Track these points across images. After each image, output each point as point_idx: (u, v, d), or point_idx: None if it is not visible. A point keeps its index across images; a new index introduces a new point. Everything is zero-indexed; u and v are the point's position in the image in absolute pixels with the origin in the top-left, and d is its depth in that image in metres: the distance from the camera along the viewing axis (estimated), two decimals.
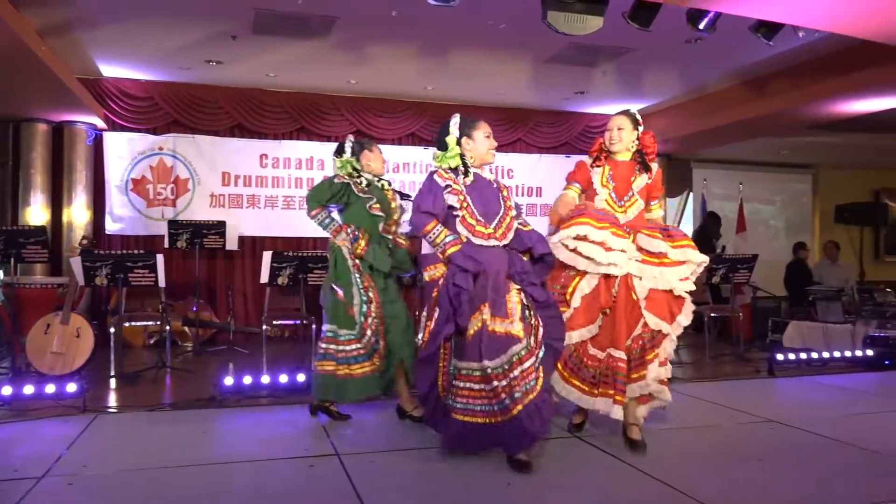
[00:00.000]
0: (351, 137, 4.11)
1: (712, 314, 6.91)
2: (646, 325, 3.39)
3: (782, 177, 11.07)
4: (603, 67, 7.05)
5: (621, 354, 3.33)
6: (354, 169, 4.00)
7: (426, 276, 3.31)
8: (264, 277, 5.62)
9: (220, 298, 7.72)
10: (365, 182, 3.99)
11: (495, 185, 3.45)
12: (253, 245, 7.87)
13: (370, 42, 6.32)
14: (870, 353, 5.91)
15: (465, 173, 3.34)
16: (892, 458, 3.28)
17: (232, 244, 7.39)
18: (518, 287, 3.19)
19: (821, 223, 11.11)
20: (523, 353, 3.01)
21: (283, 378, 4.58)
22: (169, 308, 6.55)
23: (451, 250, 3.19)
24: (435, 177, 3.29)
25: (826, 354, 5.90)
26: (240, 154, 7.88)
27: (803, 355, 5.87)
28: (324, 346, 3.83)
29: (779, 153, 10.23)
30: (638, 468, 3.10)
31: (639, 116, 3.67)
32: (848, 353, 5.91)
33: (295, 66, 7.05)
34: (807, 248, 9.04)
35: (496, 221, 3.30)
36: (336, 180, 3.96)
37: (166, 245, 6.92)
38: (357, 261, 3.89)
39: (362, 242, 3.89)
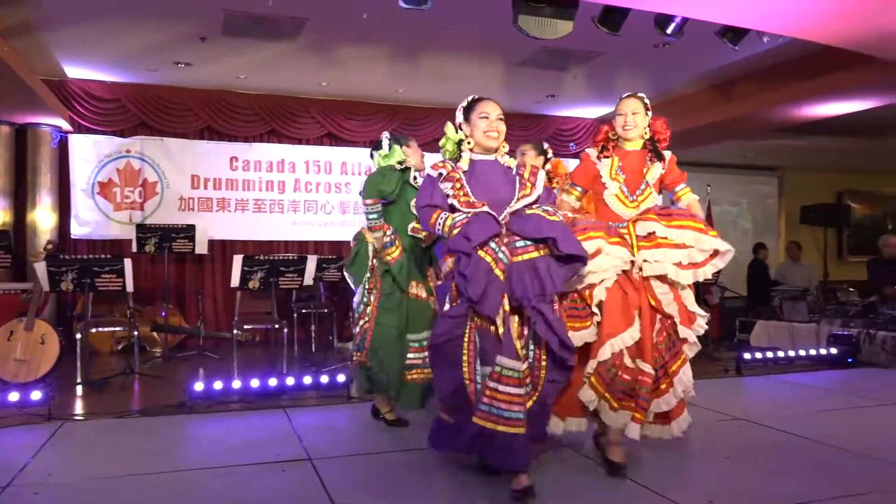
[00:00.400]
0: (387, 134, 3.87)
1: None
2: (661, 331, 3.05)
3: (749, 179, 11.28)
4: (573, 71, 7.12)
5: (648, 367, 2.96)
6: (399, 162, 3.74)
7: (443, 269, 2.88)
8: (235, 281, 5.56)
9: (189, 303, 7.63)
10: (412, 177, 3.80)
11: (514, 173, 2.94)
12: (223, 249, 7.78)
13: (341, 44, 6.30)
14: (834, 351, 6.04)
15: (458, 159, 2.95)
16: (857, 455, 3.35)
17: (202, 248, 7.30)
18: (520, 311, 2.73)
19: (786, 224, 11.33)
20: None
21: (255, 383, 4.53)
22: (137, 313, 6.45)
23: (455, 232, 2.76)
24: (429, 169, 2.97)
25: (792, 353, 6.01)
26: (209, 157, 7.79)
27: (770, 354, 5.98)
28: None
29: (745, 156, 10.42)
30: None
31: (647, 101, 3.40)
32: (813, 352, 6.03)
33: (265, 68, 6.99)
34: (766, 248, 9.20)
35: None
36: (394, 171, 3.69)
37: (134, 249, 6.81)
38: (374, 261, 3.72)
39: (396, 251, 3.67)
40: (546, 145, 4.09)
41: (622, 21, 4.71)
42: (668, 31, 4.80)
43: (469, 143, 2.97)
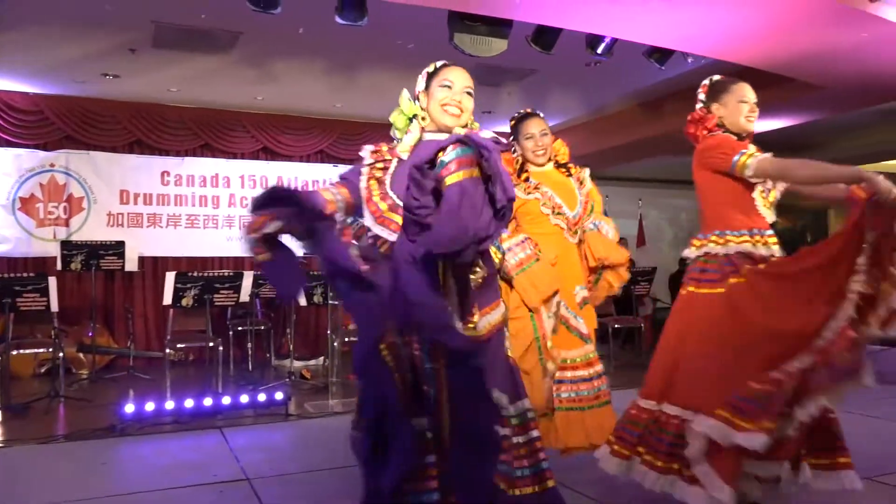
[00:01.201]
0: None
1: (616, 325, 7.17)
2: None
3: (678, 192, 11.68)
4: (509, 88, 7.26)
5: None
6: None
7: None
8: (167, 299, 5.42)
9: (118, 322, 7.36)
10: None
11: None
12: (154, 266, 7.55)
13: (277, 58, 6.25)
14: None
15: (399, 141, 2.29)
16: None
17: (131, 265, 7.07)
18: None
19: None
20: None
21: (189, 403, 4.41)
22: (62, 334, 6.18)
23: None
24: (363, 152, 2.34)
25: None
26: (139, 171, 7.57)
27: None
28: None
29: (674, 171, 10.80)
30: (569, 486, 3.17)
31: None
32: None
33: (198, 81, 6.86)
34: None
35: None
36: None
37: (59, 267, 6.54)
38: None
39: None
40: None
41: (554, 40, 4.85)
42: (599, 50, 4.97)
43: (424, 119, 2.26)
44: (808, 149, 9.34)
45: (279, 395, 4.59)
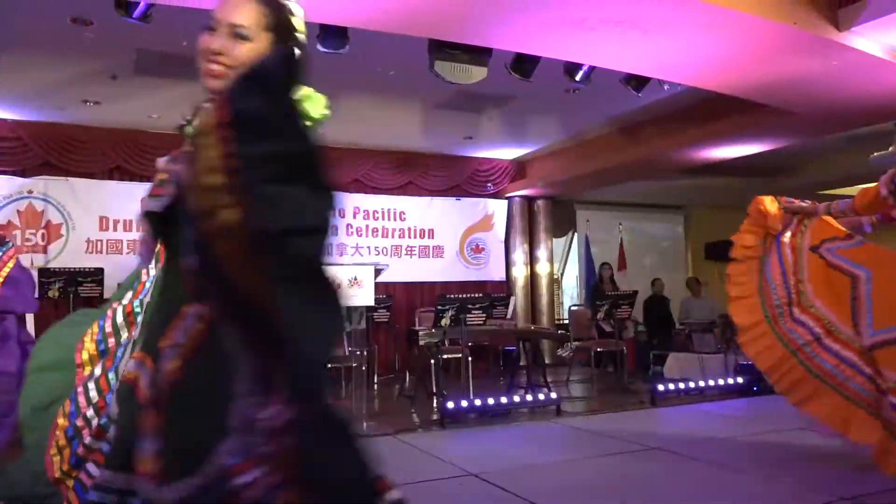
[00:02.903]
0: None
1: (598, 349, 7.21)
2: None
3: (657, 216, 11.81)
4: (489, 114, 7.34)
5: None
6: None
7: None
8: None
9: None
10: None
11: None
12: None
13: None
14: (740, 380, 6.35)
15: None
16: (763, 477, 3.52)
17: (110, 293, 6.99)
18: None
19: (693, 260, 11.89)
20: None
21: None
22: None
23: None
24: None
25: (702, 383, 6.27)
26: (120, 198, 7.52)
27: (682, 385, 6.22)
28: None
29: (653, 195, 10.93)
30: (530, 500, 3.17)
31: None
32: (721, 382, 6.31)
33: (179, 108, 6.67)
34: (660, 281, 9.44)
35: None
36: None
37: (36, 295, 6.46)
38: None
39: None
40: None
41: (533, 68, 4.94)
42: (577, 77, 5.07)
43: None
44: (777, 173, 9.53)
45: None
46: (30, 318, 5.11)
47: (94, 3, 4.42)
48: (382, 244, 8.80)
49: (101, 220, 7.44)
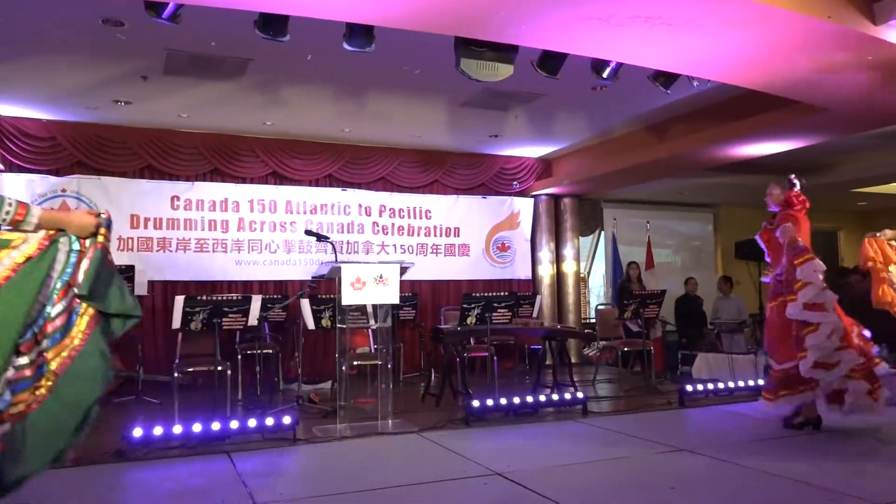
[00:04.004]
0: None
1: (625, 348, 7.14)
2: None
3: (686, 215, 11.67)
4: (515, 112, 7.31)
5: None
6: None
7: None
8: (176, 323, 5.42)
9: (127, 346, 7.36)
10: None
11: None
12: (164, 290, 7.59)
13: (285, 84, 6.33)
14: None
15: None
16: (793, 482, 3.46)
17: (141, 289, 7.11)
18: None
19: (723, 259, 11.74)
20: None
21: (197, 427, 4.40)
22: None
23: None
24: None
25: (732, 384, 6.18)
26: (150, 196, 7.65)
27: (711, 386, 6.13)
28: None
29: (681, 193, 10.80)
30: (555, 500, 3.15)
31: None
32: (752, 382, 6.20)
33: (208, 107, 6.95)
34: (694, 280, 9.40)
35: None
36: None
37: None
38: None
39: None
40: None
41: (560, 65, 4.90)
42: (604, 75, 5.01)
43: None
44: (809, 171, 9.33)
45: (287, 420, 4.57)
46: None
47: (125, 4, 4.50)
48: (408, 242, 8.81)
49: (133, 218, 7.56)
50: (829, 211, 12.26)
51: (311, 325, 6.24)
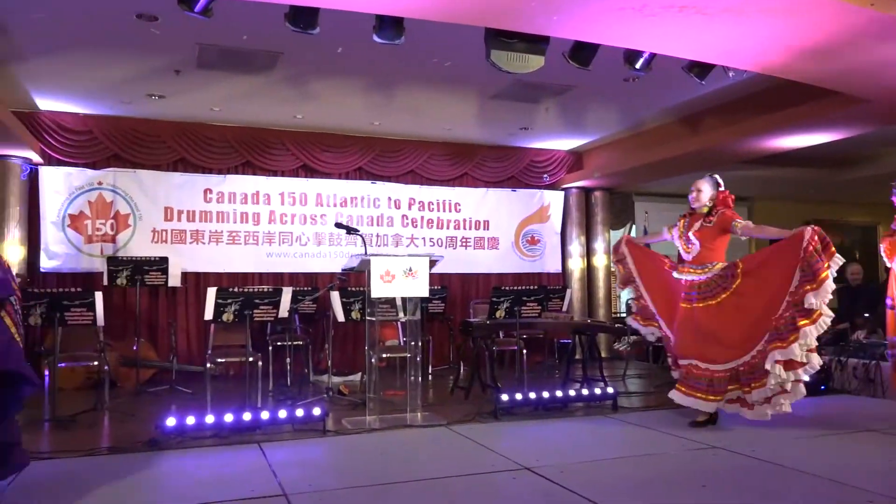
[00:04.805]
0: None
1: (656, 344, 7.04)
2: None
3: None
4: (546, 104, 7.25)
5: None
6: None
7: None
8: (208, 314, 5.50)
9: (161, 337, 7.51)
10: None
11: None
12: (197, 281, 7.70)
13: (316, 77, 6.35)
14: (806, 378, 6.11)
15: None
16: (828, 481, 3.39)
17: (175, 281, 7.21)
18: None
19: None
20: None
21: (229, 417, 4.46)
22: (108, 347, 6.33)
23: None
24: None
25: None
26: (183, 189, 7.75)
27: None
28: None
29: None
30: (586, 497, 3.13)
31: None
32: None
33: (240, 101, 7.01)
34: None
35: None
36: None
37: (105, 282, 6.72)
38: None
39: None
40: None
41: (592, 56, 4.83)
42: (637, 66, 4.92)
43: None
44: (848, 163, 9.12)
45: (317, 411, 4.61)
46: (99, 306, 5.32)
47: None
48: (438, 235, 8.81)
49: (166, 211, 7.67)
50: (868, 205, 11.98)
51: (340, 317, 6.27)
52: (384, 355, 6.40)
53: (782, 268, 4.43)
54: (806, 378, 4.38)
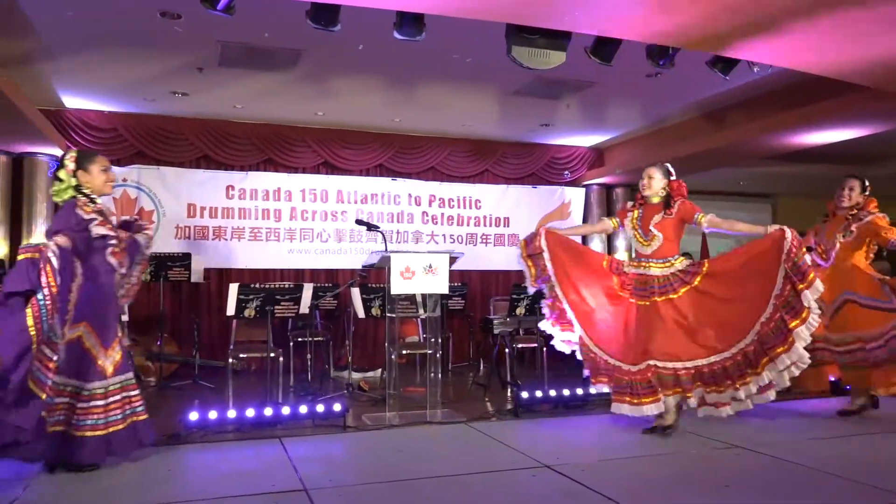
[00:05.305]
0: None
1: None
2: None
3: (743, 205, 11.32)
4: (567, 100, 7.20)
5: None
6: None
7: None
8: (230, 310, 5.55)
9: (184, 332, 7.59)
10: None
11: (110, 217, 3.77)
12: (219, 277, 7.77)
13: (337, 74, 6.37)
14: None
15: (93, 202, 3.60)
16: (852, 482, 3.33)
17: (197, 277, 7.29)
18: None
19: None
20: None
21: (250, 412, 4.50)
22: (132, 342, 6.41)
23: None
24: (77, 210, 3.52)
25: None
26: (206, 185, 7.82)
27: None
28: None
29: (739, 183, 10.49)
30: (607, 496, 3.11)
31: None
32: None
33: (261, 98, 7.06)
34: None
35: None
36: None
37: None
38: None
39: None
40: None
41: (614, 52, 4.79)
42: (660, 61, 4.87)
43: (89, 189, 3.74)
44: (875, 160, 8.94)
45: (337, 407, 4.63)
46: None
47: None
48: (458, 232, 8.81)
49: (189, 207, 7.75)
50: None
51: (361, 313, 6.30)
52: (404, 352, 6.41)
53: (764, 270, 4.24)
54: (796, 373, 4.24)
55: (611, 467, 3.64)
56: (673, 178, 4.66)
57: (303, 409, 4.62)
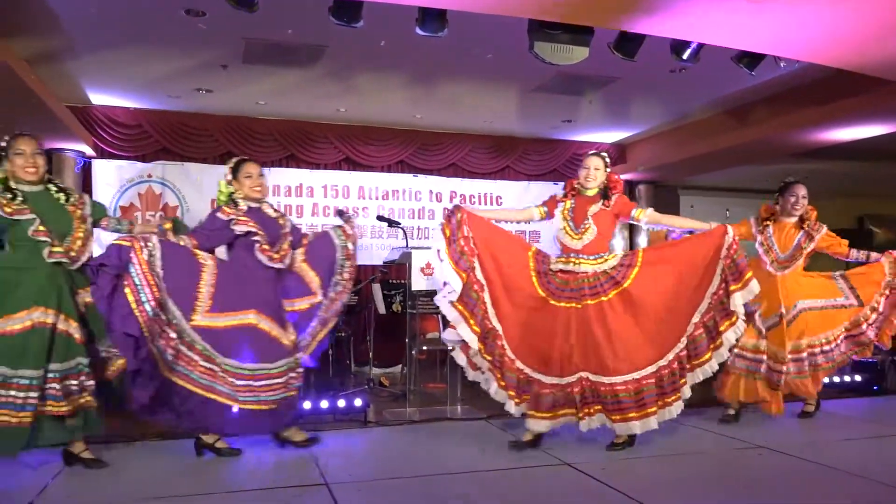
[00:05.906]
0: None
1: None
2: None
3: (768, 202, 11.16)
4: (589, 96, 7.16)
5: None
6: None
7: None
8: None
9: None
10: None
11: (275, 217, 4.09)
12: None
13: (359, 71, 6.39)
14: (858, 378, 5.94)
15: (235, 204, 3.95)
16: (877, 483, 3.28)
17: None
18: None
19: None
20: None
21: None
22: None
23: None
24: (218, 214, 3.93)
25: None
26: None
27: None
28: None
29: (765, 180, 10.34)
30: (628, 495, 3.09)
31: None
32: (837, 379, 5.90)
33: (284, 95, 7.10)
34: None
35: (277, 247, 3.94)
36: None
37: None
38: None
39: None
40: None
41: (638, 47, 4.74)
42: (685, 56, 4.82)
43: (240, 194, 4.08)
44: None
45: (358, 402, 4.65)
46: None
47: None
48: None
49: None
50: None
51: (381, 309, 6.31)
52: (424, 348, 6.42)
53: (703, 265, 3.93)
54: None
55: (632, 465, 3.62)
56: (609, 168, 4.18)
57: (324, 403, 4.64)
